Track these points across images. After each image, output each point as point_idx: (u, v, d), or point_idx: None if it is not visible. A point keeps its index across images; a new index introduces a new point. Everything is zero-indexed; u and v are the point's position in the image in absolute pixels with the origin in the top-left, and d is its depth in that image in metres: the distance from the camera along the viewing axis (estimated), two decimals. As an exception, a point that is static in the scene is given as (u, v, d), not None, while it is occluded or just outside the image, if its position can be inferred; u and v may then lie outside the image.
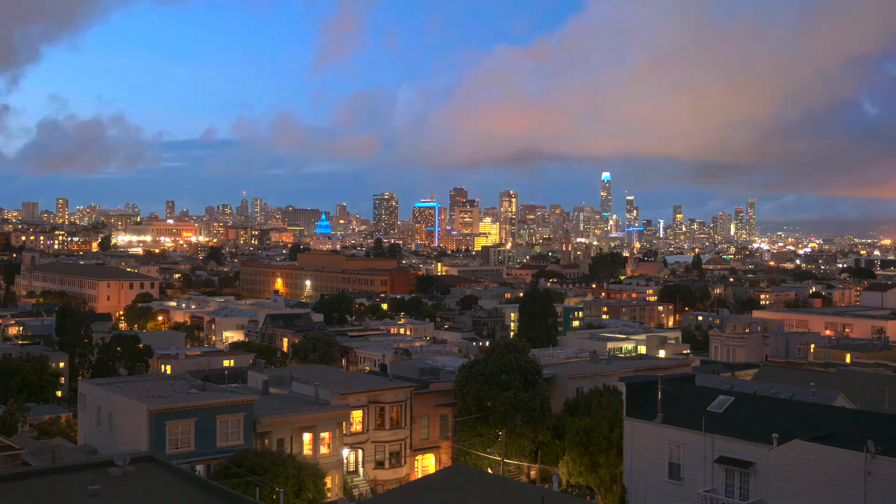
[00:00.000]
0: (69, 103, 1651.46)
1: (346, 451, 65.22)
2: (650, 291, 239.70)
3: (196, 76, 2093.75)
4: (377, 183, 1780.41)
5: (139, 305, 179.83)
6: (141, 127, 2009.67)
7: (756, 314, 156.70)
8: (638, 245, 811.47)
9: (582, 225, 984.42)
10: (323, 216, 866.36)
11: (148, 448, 52.72)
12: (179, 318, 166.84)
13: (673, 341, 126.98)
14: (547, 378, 73.78)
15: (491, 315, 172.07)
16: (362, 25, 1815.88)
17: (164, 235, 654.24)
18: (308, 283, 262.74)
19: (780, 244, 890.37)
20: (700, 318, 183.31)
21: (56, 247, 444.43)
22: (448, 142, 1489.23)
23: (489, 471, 62.84)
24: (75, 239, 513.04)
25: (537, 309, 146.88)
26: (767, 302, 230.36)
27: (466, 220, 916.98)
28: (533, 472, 68.52)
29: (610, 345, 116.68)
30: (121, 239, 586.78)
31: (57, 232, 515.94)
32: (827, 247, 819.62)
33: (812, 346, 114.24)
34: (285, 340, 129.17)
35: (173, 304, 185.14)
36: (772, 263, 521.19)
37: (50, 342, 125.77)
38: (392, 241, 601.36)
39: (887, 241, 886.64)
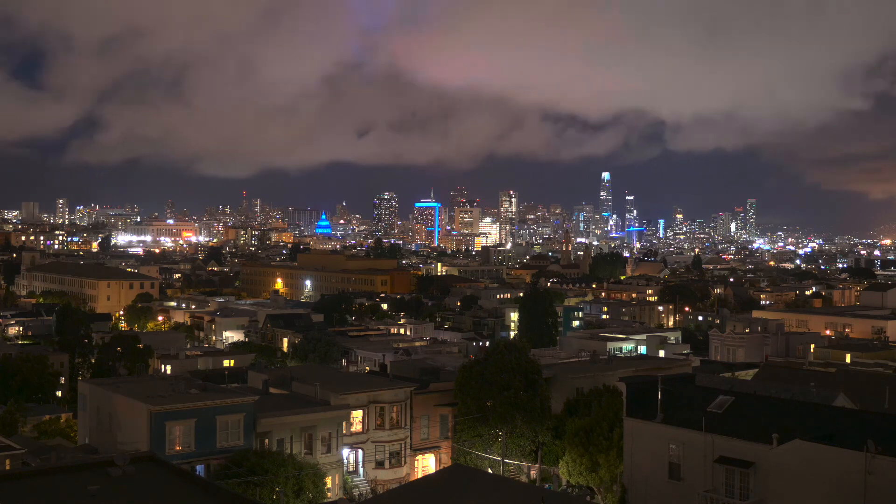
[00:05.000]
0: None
1: (346, 451, 65.23)
2: (650, 291, 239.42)
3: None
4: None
5: (139, 305, 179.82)
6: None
7: (756, 314, 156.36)
8: (638, 245, 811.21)
9: (582, 225, 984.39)
10: (323, 216, 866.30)
11: (148, 448, 52.70)
12: (179, 318, 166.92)
13: (673, 341, 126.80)
14: (547, 378, 73.76)
15: (491, 315, 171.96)
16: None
17: (164, 235, 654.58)
18: (308, 283, 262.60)
19: (781, 244, 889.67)
20: (700, 318, 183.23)
21: (56, 247, 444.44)
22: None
23: (489, 471, 62.87)
24: (75, 239, 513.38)
25: (537, 309, 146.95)
26: (767, 302, 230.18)
27: (466, 220, 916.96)
28: (533, 472, 68.51)
29: (610, 345, 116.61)
30: (121, 239, 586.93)
31: (57, 232, 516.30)
32: (827, 247, 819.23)
33: (812, 346, 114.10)
34: (285, 340, 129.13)
35: (173, 304, 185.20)
36: (772, 263, 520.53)
37: (50, 342, 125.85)
38: (392, 241, 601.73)
39: (887, 241, 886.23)
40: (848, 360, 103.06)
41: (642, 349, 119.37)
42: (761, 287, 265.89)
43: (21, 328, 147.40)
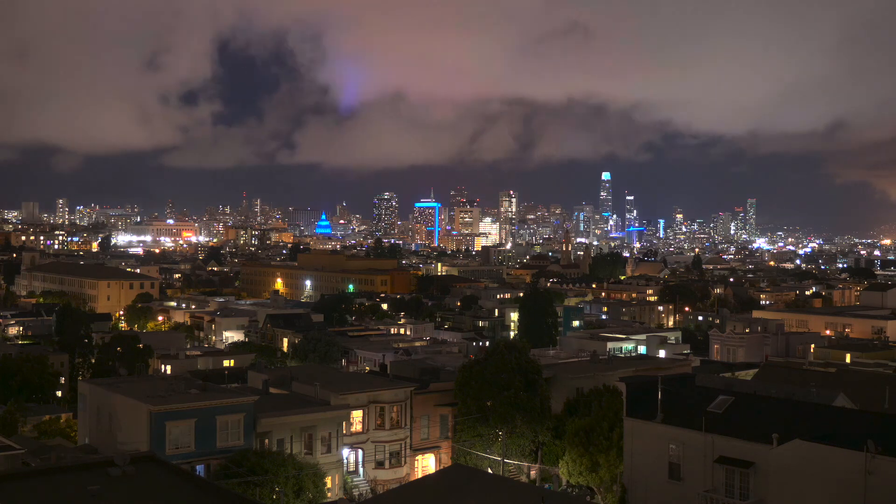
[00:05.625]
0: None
1: (346, 451, 65.22)
2: (650, 291, 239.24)
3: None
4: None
5: (139, 305, 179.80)
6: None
7: (756, 314, 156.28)
8: (638, 245, 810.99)
9: (582, 225, 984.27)
10: (323, 216, 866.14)
11: (148, 448, 52.69)
12: (179, 318, 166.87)
13: (673, 341, 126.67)
14: (547, 378, 73.76)
15: (491, 315, 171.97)
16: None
17: (164, 235, 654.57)
18: (308, 283, 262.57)
19: (781, 244, 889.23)
20: (700, 318, 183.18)
21: (56, 247, 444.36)
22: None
23: (489, 471, 62.86)
24: (75, 239, 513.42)
25: (537, 309, 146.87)
26: (767, 302, 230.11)
27: (466, 220, 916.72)
28: (533, 472, 68.52)
29: (610, 345, 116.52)
30: (121, 239, 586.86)
31: (57, 232, 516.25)
32: (827, 247, 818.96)
33: (812, 346, 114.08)
34: (285, 340, 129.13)
35: (173, 304, 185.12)
36: (772, 263, 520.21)
37: (50, 342, 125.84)
38: (392, 241, 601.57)
39: (887, 241, 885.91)
40: (848, 360, 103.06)
41: (642, 349, 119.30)
42: (761, 287, 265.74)
43: (21, 328, 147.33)
